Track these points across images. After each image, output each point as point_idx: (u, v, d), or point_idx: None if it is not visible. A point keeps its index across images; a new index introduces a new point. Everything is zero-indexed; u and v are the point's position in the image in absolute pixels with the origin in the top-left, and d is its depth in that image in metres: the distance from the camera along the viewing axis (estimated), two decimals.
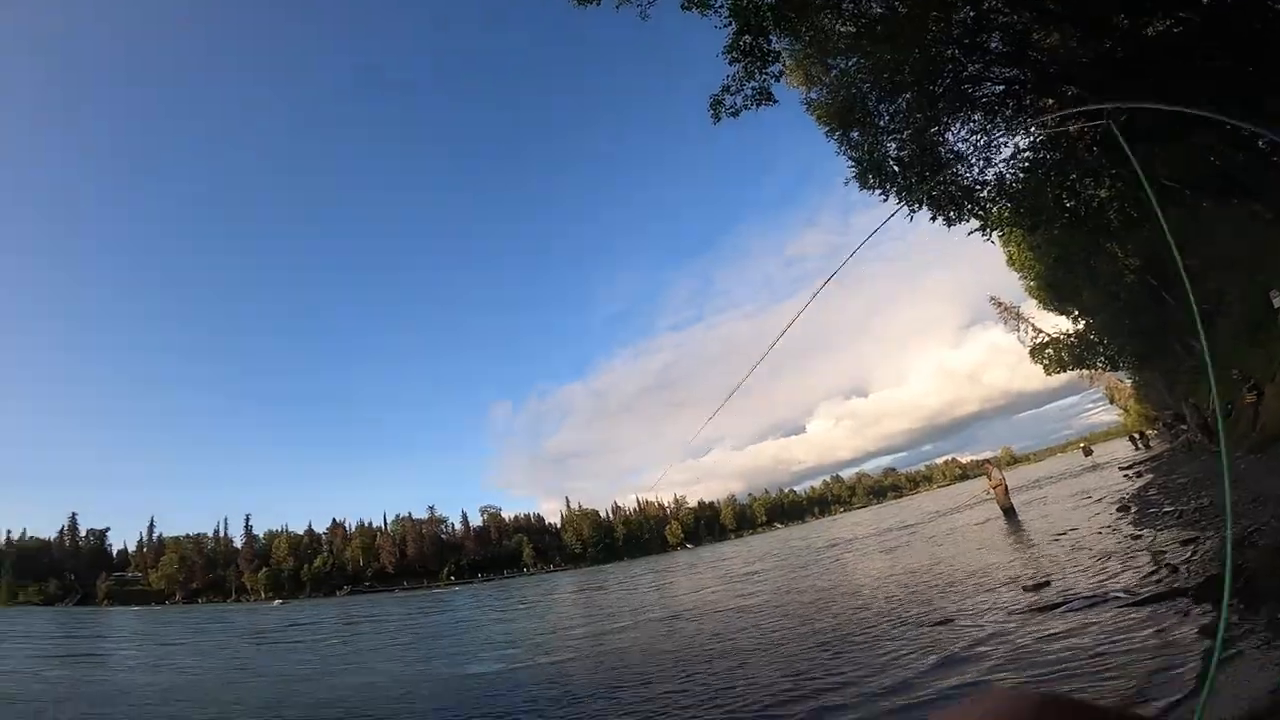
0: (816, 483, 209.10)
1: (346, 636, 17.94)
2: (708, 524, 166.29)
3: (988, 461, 20.68)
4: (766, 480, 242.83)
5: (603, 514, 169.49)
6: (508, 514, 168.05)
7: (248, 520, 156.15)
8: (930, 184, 12.51)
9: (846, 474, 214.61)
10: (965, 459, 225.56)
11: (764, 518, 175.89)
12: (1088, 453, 60.20)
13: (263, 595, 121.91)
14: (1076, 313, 37.74)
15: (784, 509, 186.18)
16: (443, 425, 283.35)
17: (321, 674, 10.59)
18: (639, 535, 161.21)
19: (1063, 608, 6.25)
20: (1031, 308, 41.36)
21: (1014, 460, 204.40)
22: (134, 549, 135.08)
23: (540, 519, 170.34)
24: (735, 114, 11.35)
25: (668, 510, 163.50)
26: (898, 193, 12.77)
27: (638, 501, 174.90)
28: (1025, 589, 7.46)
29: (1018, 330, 42.79)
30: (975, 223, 13.40)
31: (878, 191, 12.92)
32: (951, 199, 12.96)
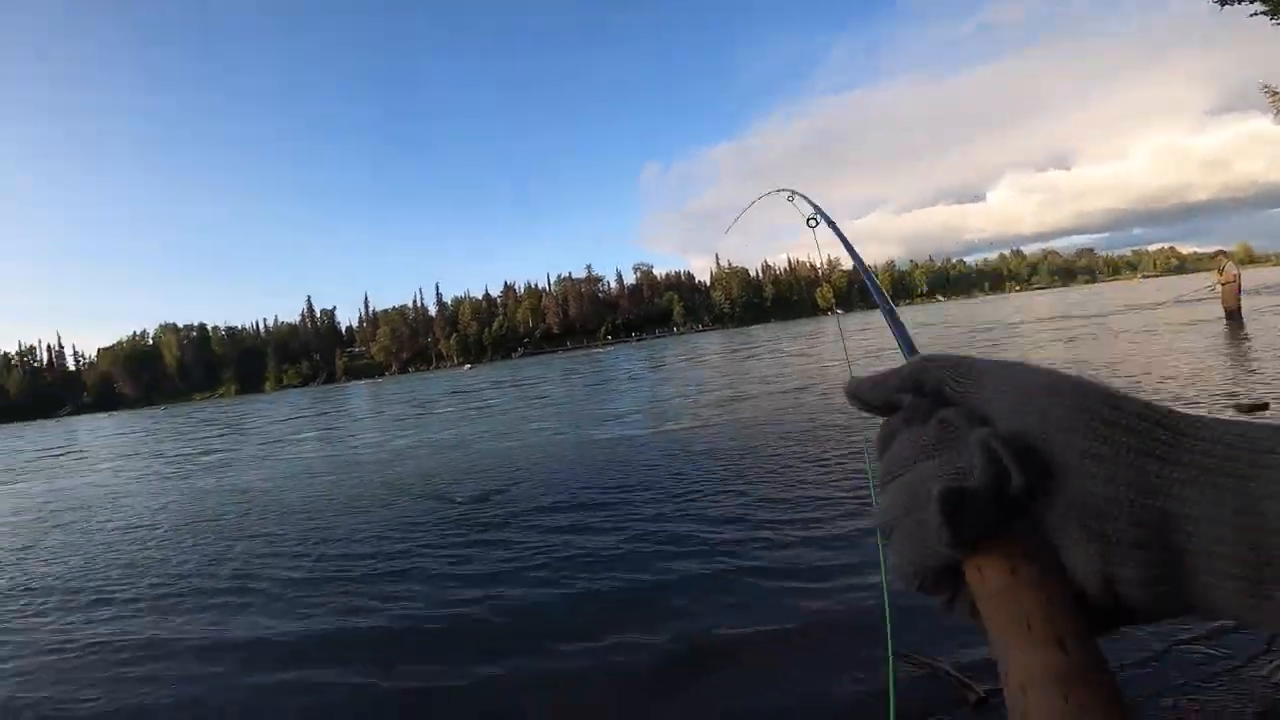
0: (991, 255, 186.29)
1: (520, 400, 19.11)
2: (861, 290, 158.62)
3: (1221, 253, 15.52)
4: (931, 248, 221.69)
5: (752, 273, 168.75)
6: (659, 272, 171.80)
7: (438, 289, 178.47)
8: None
9: (1030, 250, 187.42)
10: (1186, 250, 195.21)
11: (924, 288, 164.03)
12: None
13: (455, 360, 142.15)
14: None
15: (949, 280, 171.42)
16: (599, 186, 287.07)
17: (506, 434, 11.38)
18: (788, 297, 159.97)
19: None
20: None
21: (1252, 260, 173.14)
22: (356, 324, 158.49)
23: (690, 277, 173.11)
24: None
25: (819, 272, 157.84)
26: None
27: (788, 261, 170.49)
28: (1239, 409, 6.01)
29: None
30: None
31: None
32: None
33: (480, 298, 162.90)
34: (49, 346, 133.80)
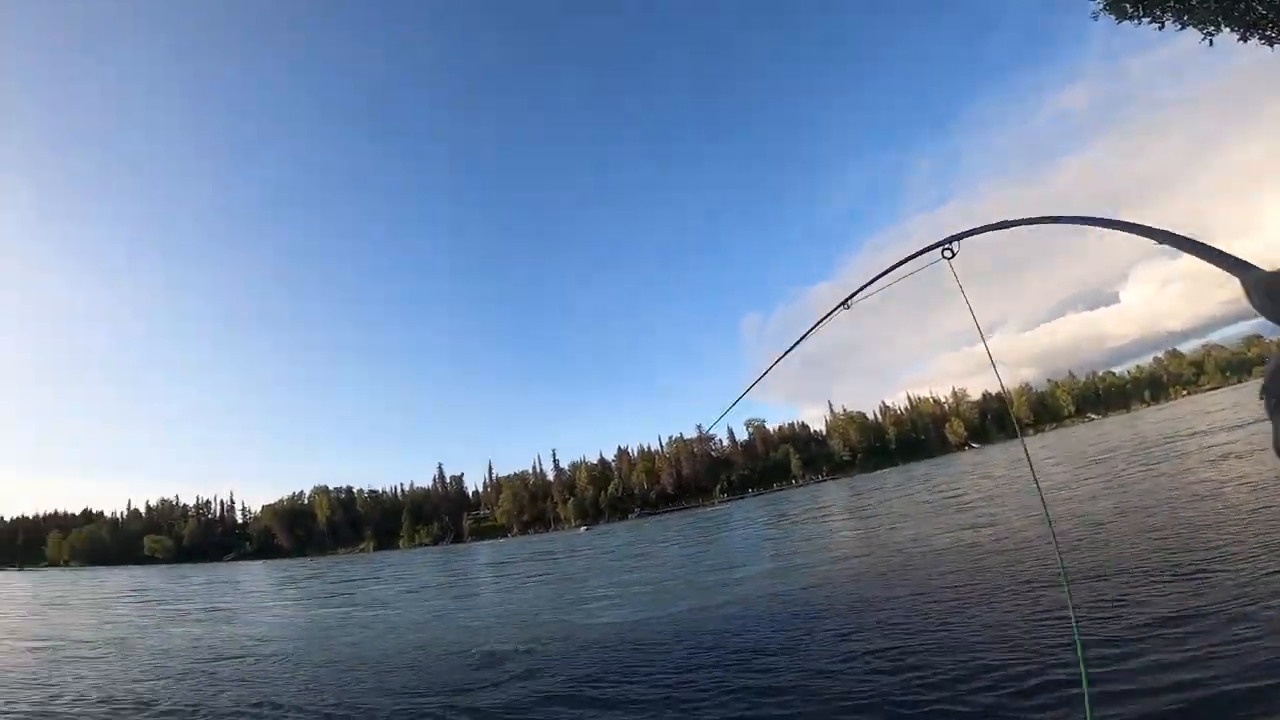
0: (1144, 360, 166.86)
1: (639, 560, 19.45)
2: (996, 418, 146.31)
3: None
4: (1068, 362, 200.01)
5: (870, 416, 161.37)
6: (771, 425, 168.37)
7: (555, 455, 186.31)
8: (1219, 2, 9.71)
9: (1187, 347, 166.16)
10: None
11: (1072, 407, 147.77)
12: None
13: (572, 523, 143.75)
14: None
15: (1099, 395, 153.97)
16: (700, 346, 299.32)
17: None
18: (913, 437, 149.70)
19: None
20: None
21: None
22: (481, 489, 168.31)
23: (805, 427, 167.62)
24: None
25: (945, 406, 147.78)
26: (1176, 15, 10.08)
27: (909, 399, 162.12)
28: None
29: None
30: None
31: (1147, 20, 10.34)
32: (1269, 11, 9.82)
33: (595, 462, 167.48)
34: (222, 502, 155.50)
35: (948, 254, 1.59)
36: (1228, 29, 10.14)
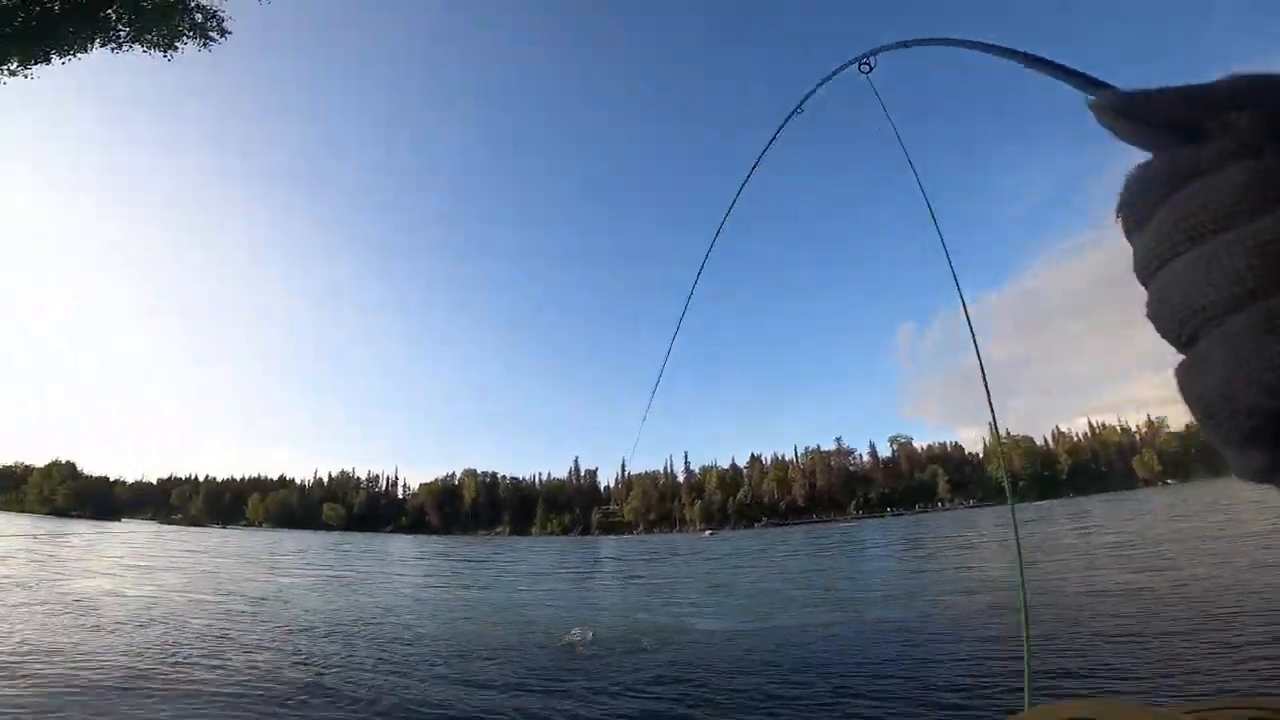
0: None
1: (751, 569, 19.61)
2: (1202, 453, 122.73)
3: None
4: None
5: (1040, 441, 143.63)
6: (920, 444, 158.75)
7: (686, 457, 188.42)
8: None
9: None
10: None
11: None
12: None
13: (697, 526, 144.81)
14: None
15: None
16: (849, 355, 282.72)
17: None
18: (1091, 466, 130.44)
19: None
20: None
21: None
22: (613, 485, 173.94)
23: (959, 448, 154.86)
24: None
25: (1136, 435, 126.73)
26: None
27: (1089, 425, 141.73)
28: None
29: None
30: None
31: None
32: None
33: (726, 467, 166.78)
34: (388, 477, 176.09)
35: (865, 68, 1.41)
36: None
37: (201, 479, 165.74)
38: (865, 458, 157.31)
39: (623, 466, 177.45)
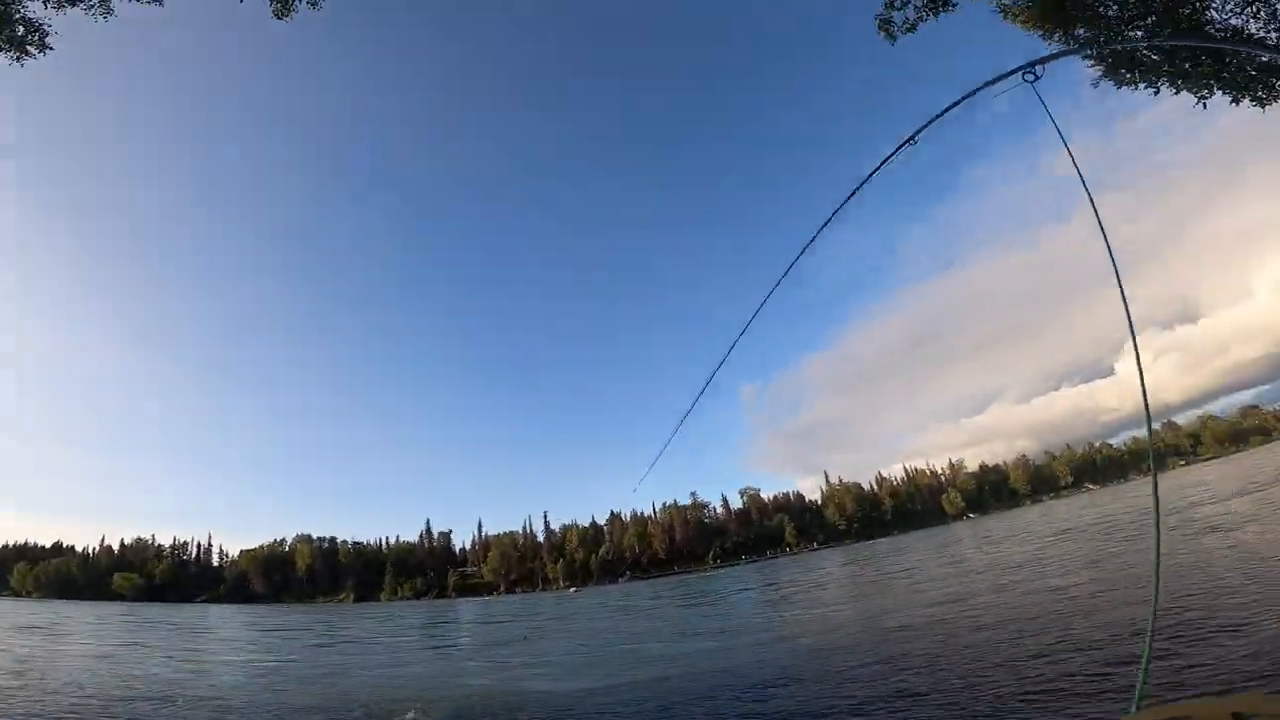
0: (1140, 433, 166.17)
1: (626, 622, 19.92)
2: (994, 489, 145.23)
3: None
4: (1065, 435, 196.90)
5: (866, 486, 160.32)
6: (766, 494, 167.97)
7: (545, 517, 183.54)
8: (1212, 66, 9.72)
9: (1183, 419, 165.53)
10: None
11: (1069, 479, 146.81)
12: None
13: (561, 584, 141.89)
14: None
15: (1096, 466, 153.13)
16: (701, 416, 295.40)
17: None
18: (909, 507, 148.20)
19: None
20: None
21: None
22: (469, 546, 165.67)
23: (800, 497, 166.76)
24: (911, 29, 9.97)
25: (942, 477, 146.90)
26: (1172, 81, 10.14)
27: (905, 470, 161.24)
28: None
29: None
30: None
31: (1144, 86, 10.43)
32: (1260, 73, 9.83)
33: (587, 525, 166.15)
34: (199, 544, 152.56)
35: (1029, 77, 1.42)
36: (1220, 91, 10.10)
37: None
38: (719, 510, 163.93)
39: (479, 526, 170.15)
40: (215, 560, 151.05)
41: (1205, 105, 10.49)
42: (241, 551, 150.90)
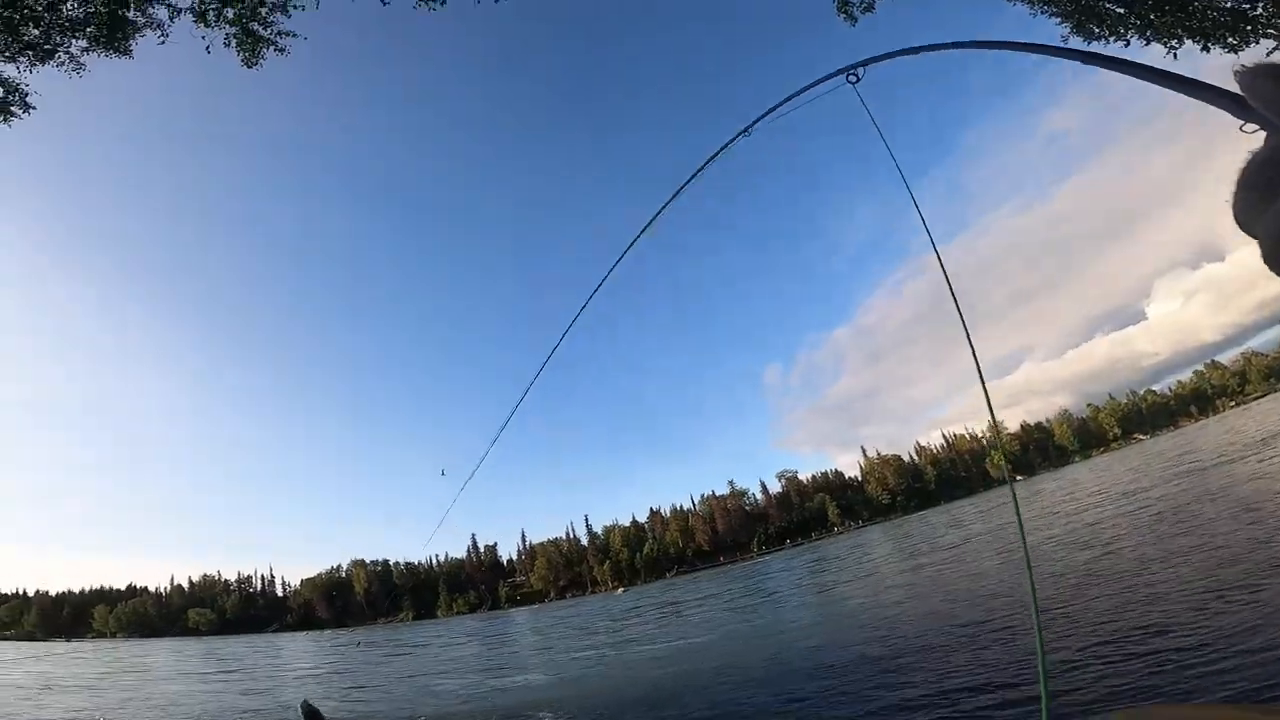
0: (1185, 375, 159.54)
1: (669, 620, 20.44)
2: (1039, 448, 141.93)
3: None
4: (1105, 385, 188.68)
5: (905, 457, 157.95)
6: (804, 475, 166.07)
7: (587, 520, 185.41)
8: (1177, 14, 9.98)
9: (1226, 357, 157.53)
10: None
11: (1116, 430, 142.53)
12: None
13: (609, 585, 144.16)
14: None
15: (1143, 415, 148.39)
16: (724, 403, 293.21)
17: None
18: (953, 474, 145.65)
19: None
20: None
21: None
22: (515, 557, 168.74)
23: (839, 475, 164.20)
24: (869, 9, 10.25)
25: (984, 440, 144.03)
26: (1141, 32, 10.52)
27: (944, 437, 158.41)
28: None
29: None
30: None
31: (1113, 39, 10.86)
32: (1226, 17, 9.97)
33: (629, 525, 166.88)
34: (262, 576, 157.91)
35: (852, 79, 1.46)
36: (1189, 40, 10.32)
37: (32, 593, 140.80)
38: (758, 496, 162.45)
39: (522, 537, 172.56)
40: (279, 590, 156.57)
41: (1175, 55, 10.84)
42: (303, 580, 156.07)
